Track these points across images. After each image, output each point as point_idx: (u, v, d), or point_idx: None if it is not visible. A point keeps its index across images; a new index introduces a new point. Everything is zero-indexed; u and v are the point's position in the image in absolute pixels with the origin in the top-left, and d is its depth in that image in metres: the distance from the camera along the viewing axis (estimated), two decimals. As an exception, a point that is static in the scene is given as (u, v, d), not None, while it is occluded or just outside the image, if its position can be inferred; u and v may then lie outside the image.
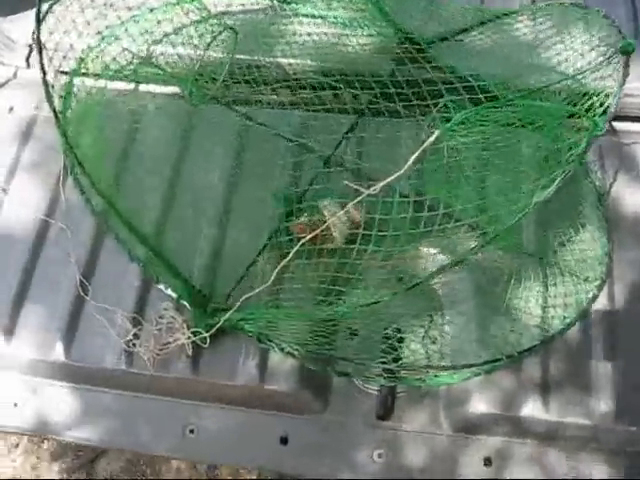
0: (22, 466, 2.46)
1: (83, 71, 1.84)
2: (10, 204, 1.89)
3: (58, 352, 1.67)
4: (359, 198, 1.43)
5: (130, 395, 1.68)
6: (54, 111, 1.43)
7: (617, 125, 1.91)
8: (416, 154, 1.33)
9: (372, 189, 1.34)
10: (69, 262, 1.76)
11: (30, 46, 2.12)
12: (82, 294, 1.72)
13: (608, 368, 1.62)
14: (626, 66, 1.35)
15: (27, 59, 2.13)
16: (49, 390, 1.69)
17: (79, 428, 1.67)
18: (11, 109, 2.03)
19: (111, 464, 2.41)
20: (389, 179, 1.37)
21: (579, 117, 1.49)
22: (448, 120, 1.39)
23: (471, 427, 1.62)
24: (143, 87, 2.02)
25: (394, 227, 1.56)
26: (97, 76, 1.86)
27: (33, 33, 2.08)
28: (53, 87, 1.50)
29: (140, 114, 1.95)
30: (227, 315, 1.57)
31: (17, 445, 2.47)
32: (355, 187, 1.34)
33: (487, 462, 1.60)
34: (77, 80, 1.82)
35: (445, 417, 1.63)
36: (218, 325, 1.58)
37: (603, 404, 1.59)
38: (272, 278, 1.56)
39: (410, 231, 1.49)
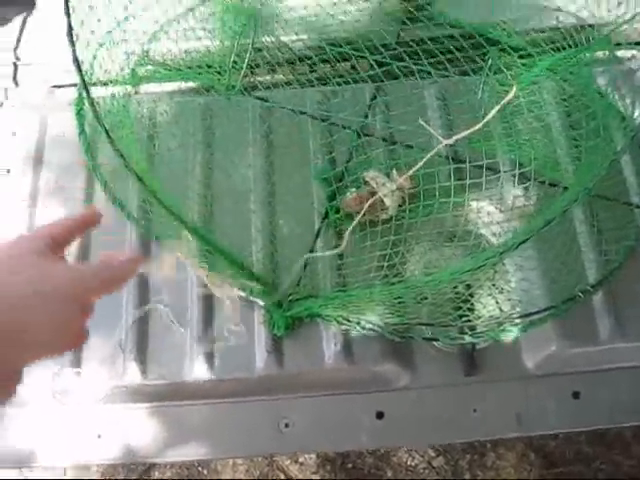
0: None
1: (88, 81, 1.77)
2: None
3: (133, 375, 1.63)
4: (429, 155, 1.44)
5: (216, 403, 1.64)
6: (106, 131, 1.35)
7: (621, 53, 1.94)
8: (495, 109, 1.33)
9: (449, 140, 1.36)
10: (121, 281, 1.71)
11: (14, 63, 2.01)
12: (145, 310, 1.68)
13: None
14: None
15: (14, 78, 2.01)
16: (131, 415, 1.64)
17: (170, 447, 1.62)
18: (14, 133, 1.92)
19: (165, 472, 2.37)
20: (465, 133, 1.39)
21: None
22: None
23: (554, 366, 1.66)
24: (145, 88, 1.95)
25: (441, 187, 1.58)
26: (104, 84, 1.79)
27: (15, 48, 2.00)
28: (99, 105, 1.41)
29: (152, 116, 1.89)
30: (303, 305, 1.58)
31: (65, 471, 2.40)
32: (436, 135, 1.36)
33: (576, 396, 1.65)
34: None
35: (528, 361, 1.66)
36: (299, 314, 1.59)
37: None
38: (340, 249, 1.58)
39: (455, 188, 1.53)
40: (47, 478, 1.65)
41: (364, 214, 1.67)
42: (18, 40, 2.04)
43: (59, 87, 2.00)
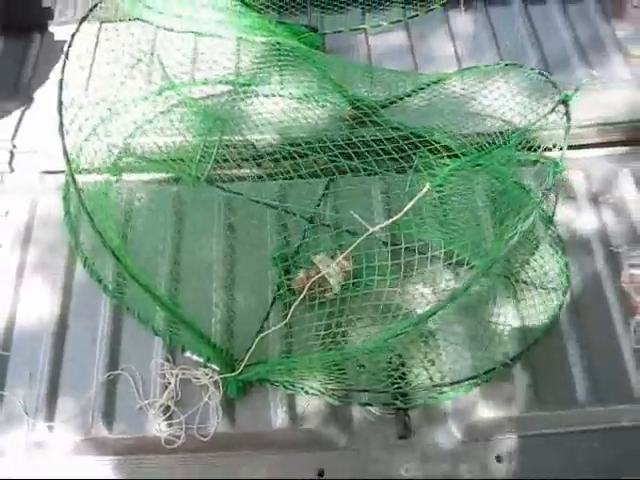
0: None
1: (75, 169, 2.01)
2: (25, 305, 2.03)
3: (100, 429, 1.82)
4: (358, 240, 1.68)
5: (176, 458, 1.81)
6: (87, 212, 1.59)
7: (549, 155, 2.19)
8: (410, 204, 1.58)
9: (374, 228, 1.60)
10: (93, 346, 1.93)
11: (11, 151, 2.27)
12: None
13: (584, 360, 1.90)
14: (567, 113, 1.68)
15: (10, 163, 2.28)
16: (97, 466, 1.81)
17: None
18: (7, 212, 2.17)
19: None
20: (386, 223, 1.64)
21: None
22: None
23: (479, 431, 1.85)
24: (124, 177, 2.21)
25: (379, 269, 1.79)
26: (89, 172, 2.04)
27: (12, 138, 2.26)
28: (82, 191, 1.64)
29: (130, 201, 2.15)
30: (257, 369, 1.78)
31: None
32: (363, 223, 1.59)
33: (498, 459, 1.83)
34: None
35: (455, 427, 1.85)
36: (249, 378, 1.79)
37: (584, 391, 1.86)
38: (286, 321, 1.81)
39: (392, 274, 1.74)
40: (50, 478, 1.82)
41: (311, 291, 1.90)
42: (16, 130, 2.31)
43: (50, 173, 2.26)
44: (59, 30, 2.60)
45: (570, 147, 2.24)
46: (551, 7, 2.72)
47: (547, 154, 2.04)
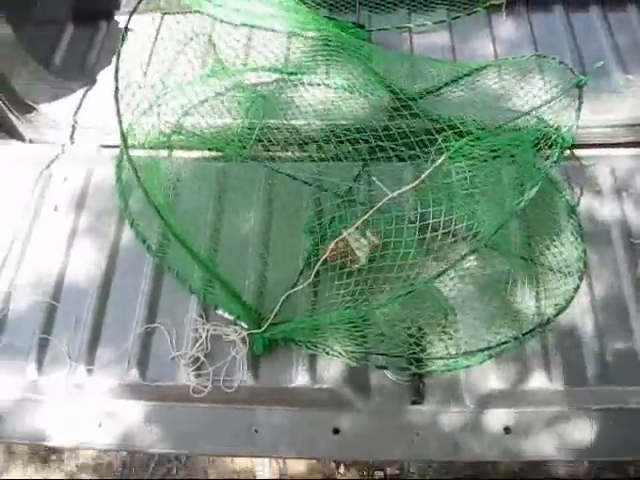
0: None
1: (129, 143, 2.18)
2: (75, 263, 2.20)
3: (134, 375, 1.97)
4: (380, 203, 1.79)
5: (200, 407, 1.96)
6: (134, 170, 1.74)
7: (578, 152, 2.28)
8: (428, 171, 1.70)
9: (394, 193, 1.71)
10: (134, 301, 2.09)
11: (73, 126, 2.47)
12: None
13: (594, 341, 1.98)
14: (580, 96, 1.77)
15: (71, 136, 2.48)
16: (129, 409, 1.97)
17: (160, 441, 1.95)
18: (65, 179, 2.36)
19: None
20: (406, 188, 1.74)
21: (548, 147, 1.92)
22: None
23: (490, 402, 1.93)
24: (175, 153, 2.39)
25: (405, 244, 1.89)
26: (141, 146, 2.22)
27: (75, 114, 2.45)
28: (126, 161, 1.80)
29: (178, 173, 2.31)
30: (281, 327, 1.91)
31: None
32: (384, 189, 1.71)
33: (507, 431, 1.91)
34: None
35: (467, 396, 1.94)
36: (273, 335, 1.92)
37: (595, 371, 1.93)
38: (309, 280, 1.96)
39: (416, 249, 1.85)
40: (54, 478, 1.95)
41: (338, 260, 2.02)
42: (78, 107, 2.51)
43: (107, 147, 2.45)
44: (124, 19, 2.80)
45: (599, 145, 2.37)
46: (592, 15, 2.80)
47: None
